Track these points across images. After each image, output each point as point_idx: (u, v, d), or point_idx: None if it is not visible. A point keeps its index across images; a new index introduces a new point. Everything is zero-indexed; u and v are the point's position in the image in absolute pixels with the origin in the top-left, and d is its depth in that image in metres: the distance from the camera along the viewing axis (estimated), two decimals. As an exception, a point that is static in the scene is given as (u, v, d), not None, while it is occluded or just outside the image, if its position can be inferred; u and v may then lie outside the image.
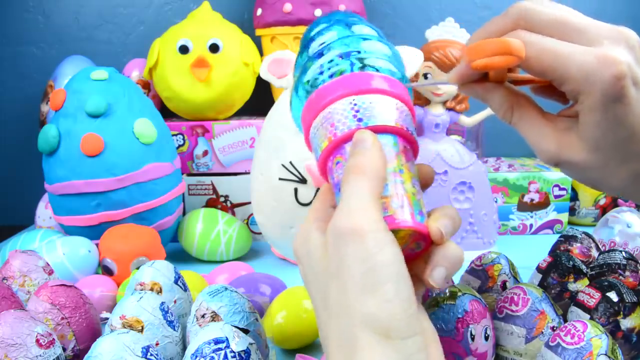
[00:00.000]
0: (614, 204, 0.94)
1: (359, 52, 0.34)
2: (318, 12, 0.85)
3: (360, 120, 0.32)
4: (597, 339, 0.41)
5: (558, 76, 0.32)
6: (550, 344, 0.43)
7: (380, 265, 0.27)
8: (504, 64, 0.32)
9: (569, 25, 0.32)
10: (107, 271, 0.67)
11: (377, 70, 0.33)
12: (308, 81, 0.35)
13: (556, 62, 0.31)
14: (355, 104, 0.32)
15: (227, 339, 0.39)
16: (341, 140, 0.32)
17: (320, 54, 0.35)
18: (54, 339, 0.43)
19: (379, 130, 0.32)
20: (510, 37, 0.32)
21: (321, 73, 0.34)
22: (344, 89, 0.32)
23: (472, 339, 0.44)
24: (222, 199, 0.88)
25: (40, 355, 0.41)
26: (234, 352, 0.38)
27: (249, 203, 0.86)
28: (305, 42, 0.37)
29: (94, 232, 0.71)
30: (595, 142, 0.33)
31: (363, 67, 0.33)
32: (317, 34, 0.36)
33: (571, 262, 0.55)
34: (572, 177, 0.37)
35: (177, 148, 0.88)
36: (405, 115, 0.33)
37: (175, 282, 0.51)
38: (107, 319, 0.54)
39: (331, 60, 0.34)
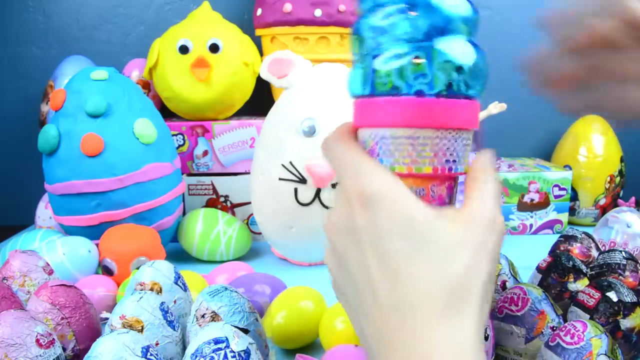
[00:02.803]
0: (614, 204, 0.94)
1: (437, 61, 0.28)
2: (318, 12, 0.85)
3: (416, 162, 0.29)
4: (597, 339, 0.41)
5: None
6: (550, 344, 0.43)
7: None
8: None
9: None
10: (107, 271, 0.67)
11: (452, 90, 0.29)
12: (374, 77, 0.29)
13: None
14: (415, 141, 0.29)
15: (227, 339, 0.39)
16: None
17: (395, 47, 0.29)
18: (54, 339, 0.43)
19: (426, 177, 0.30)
20: None
21: (387, 76, 0.29)
22: (408, 119, 0.28)
23: (472, 339, 0.44)
24: (222, 199, 0.88)
25: (40, 355, 0.41)
26: (234, 352, 0.38)
27: (249, 203, 0.86)
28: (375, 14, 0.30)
29: (94, 232, 0.71)
30: None
31: (443, 89, 0.28)
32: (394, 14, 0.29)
33: (571, 262, 0.55)
34: None
35: (177, 148, 0.88)
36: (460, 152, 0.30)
37: (175, 282, 0.51)
38: (107, 319, 0.54)
39: (405, 67, 0.28)
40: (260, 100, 0.94)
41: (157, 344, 0.44)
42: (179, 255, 0.82)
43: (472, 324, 0.26)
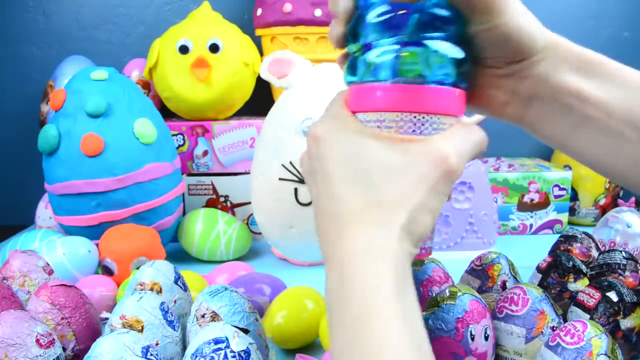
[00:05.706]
0: (614, 204, 0.94)
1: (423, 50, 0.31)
2: (318, 12, 0.85)
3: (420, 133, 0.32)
4: (597, 339, 0.41)
5: None
6: (550, 344, 0.43)
7: None
8: None
9: None
10: (107, 271, 0.67)
11: (443, 79, 0.31)
12: (367, 65, 0.32)
13: None
14: (416, 119, 0.31)
15: (227, 339, 0.39)
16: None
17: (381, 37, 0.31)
18: (54, 339, 0.43)
19: None
20: None
21: (380, 67, 0.31)
22: (400, 103, 0.31)
23: (472, 339, 0.44)
24: (222, 199, 0.88)
25: (40, 355, 0.41)
26: (234, 352, 0.38)
27: (249, 203, 0.86)
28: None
29: (94, 232, 0.71)
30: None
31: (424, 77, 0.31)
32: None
33: (571, 262, 0.55)
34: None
35: (177, 148, 0.88)
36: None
37: (175, 282, 0.51)
38: (107, 319, 0.54)
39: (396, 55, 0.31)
40: (260, 100, 0.94)
41: (157, 344, 0.44)
42: (179, 255, 0.82)
43: (394, 239, 0.29)
